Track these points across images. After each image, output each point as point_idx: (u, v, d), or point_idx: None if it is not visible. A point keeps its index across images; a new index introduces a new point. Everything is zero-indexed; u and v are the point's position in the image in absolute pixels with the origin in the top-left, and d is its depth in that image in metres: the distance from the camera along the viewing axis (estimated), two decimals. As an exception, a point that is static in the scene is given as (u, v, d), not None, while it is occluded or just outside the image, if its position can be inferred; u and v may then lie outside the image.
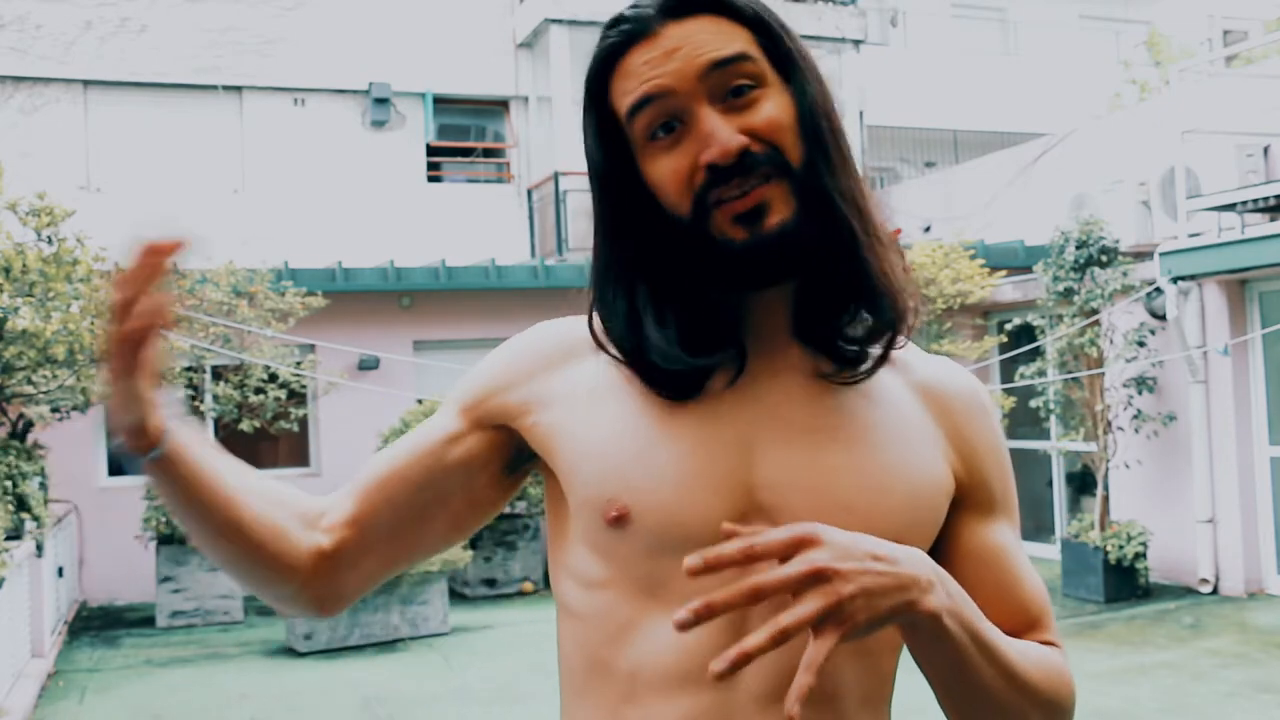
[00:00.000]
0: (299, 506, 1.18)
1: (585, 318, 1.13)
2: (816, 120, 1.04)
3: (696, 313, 1.06)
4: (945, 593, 0.92)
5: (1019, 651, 1.02)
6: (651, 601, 1.04)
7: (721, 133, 1.00)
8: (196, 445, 1.10)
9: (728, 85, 1.02)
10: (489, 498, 1.19)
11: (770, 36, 1.04)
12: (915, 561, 0.91)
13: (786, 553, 0.85)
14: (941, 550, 1.11)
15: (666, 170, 1.03)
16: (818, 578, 0.84)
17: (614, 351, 1.08)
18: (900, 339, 1.09)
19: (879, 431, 1.07)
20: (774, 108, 1.03)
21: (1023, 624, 1.10)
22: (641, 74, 1.03)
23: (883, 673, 1.09)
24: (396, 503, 1.17)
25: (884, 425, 1.08)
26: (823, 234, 1.03)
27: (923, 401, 1.12)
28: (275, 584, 1.17)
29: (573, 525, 1.11)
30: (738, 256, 1.02)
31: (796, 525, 0.88)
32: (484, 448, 1.16)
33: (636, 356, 1.07)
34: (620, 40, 1.04)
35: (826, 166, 1.04)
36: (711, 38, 1.02)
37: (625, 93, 1.04)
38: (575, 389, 1.11)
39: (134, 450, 1.06)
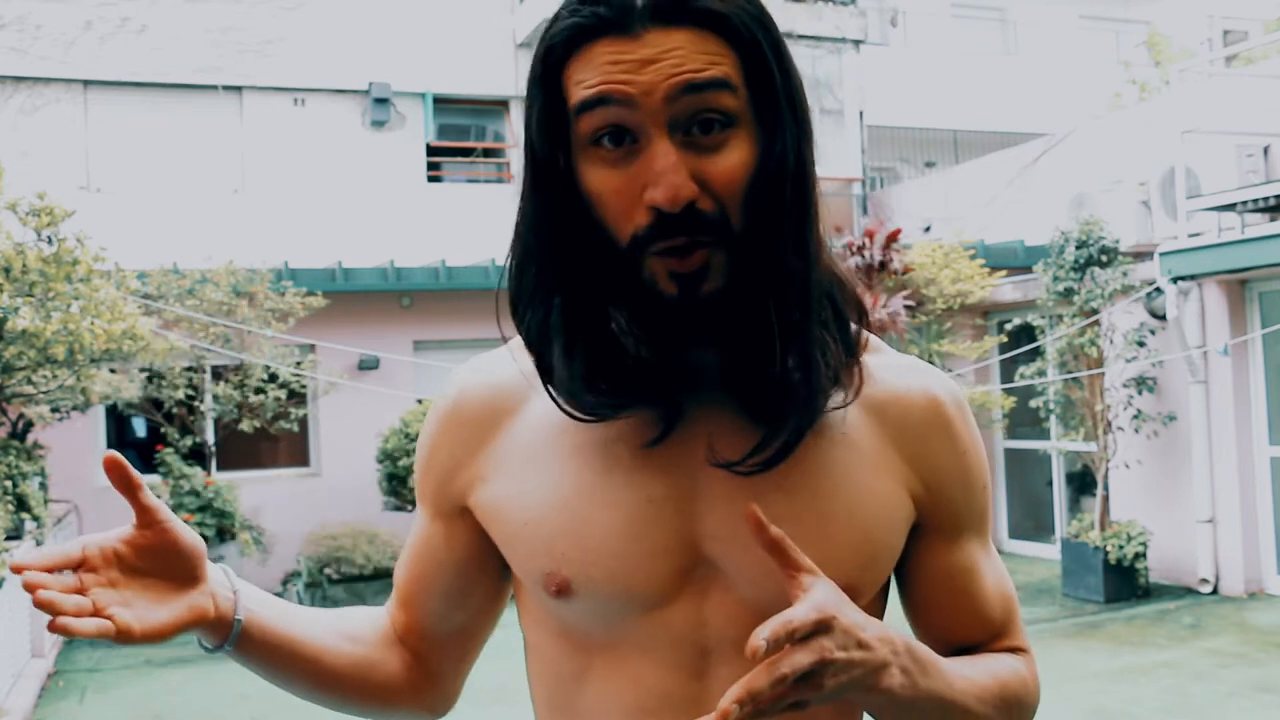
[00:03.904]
0: (376, 631, 1.17)
1: (506, 350, 1.09)
2: (778, 181, 0.94)
3: (611, 345, 0.96)
4: (900, 669, 0.93)
5: (980, 689, 1.03)
6: (605, 653, 1.03)
7: (675, 176, 0.89)
8: (264, 610, 1.06)
9: (696, 115, 0.91)
10: None
11: (762, 70, 0.93)
12: (884, 642, 0.92)
13: (810, 631, 0.87)
14: (902, 570, 1.09)
15: (608, 186, 0.93)
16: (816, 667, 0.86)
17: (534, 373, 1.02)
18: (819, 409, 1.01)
19: (826, 475, 1.00)
20: (736, 157, 0.92)
21: (983, 636, 1.11)
22: (606, 72, 0.91)
23: None
24: (432, 610, 1.16)
25: (832, 466, 1.01)
26: (750, 307, 0.95)
27: (877, 425, 1.03)
28: (389, 712, 1.17)
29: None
30: (665, 310, 0.93)
31: (818, 600, 0.87)
32: (472, 532, 1.11)
33: (545, 380, 1.01)
34: (592, 23, 0.92)
35: (772, 236, 0.94)
36: (694, 56, 0.90)
37: (581, 83, 0.92)
38: (510, 454, 1.06)
39: (214, 645, 1.03)
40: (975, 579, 1.09)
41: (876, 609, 1.08)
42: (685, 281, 0.93)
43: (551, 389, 1.00)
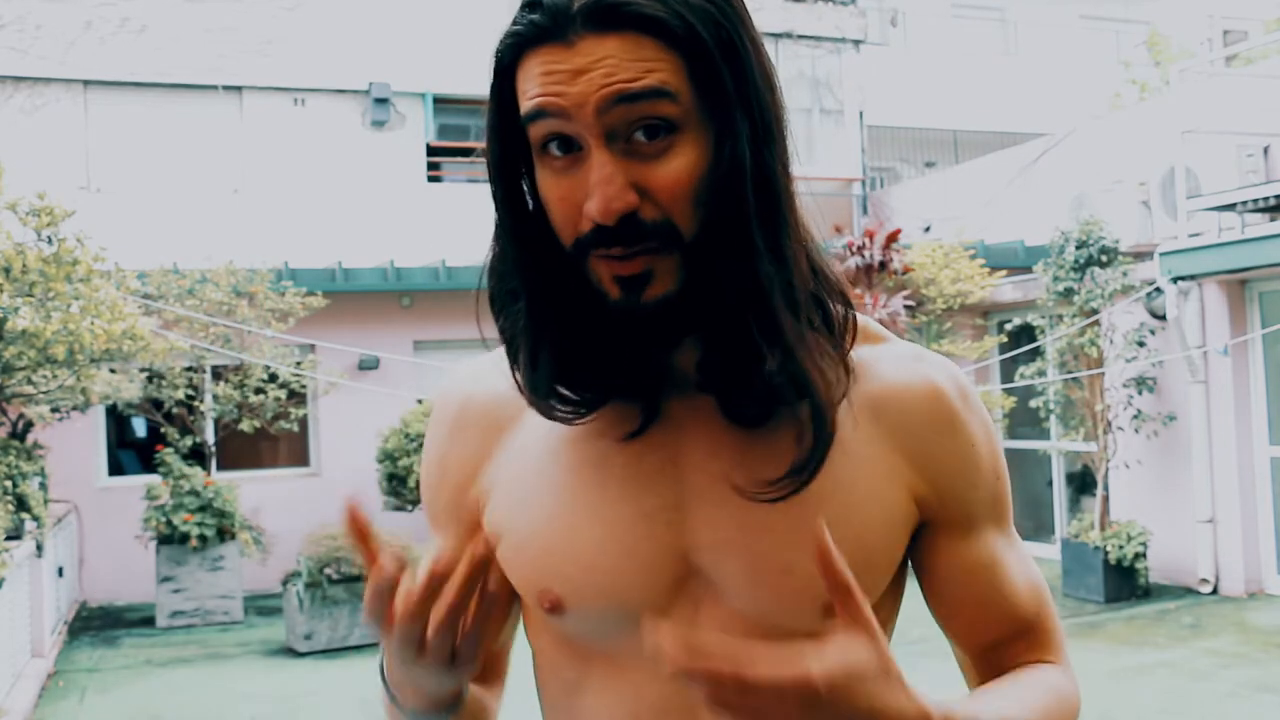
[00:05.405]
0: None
1: (494, 355, 1.08)
2: (732, 184, 0.90)
3: (578, 344, 0.97)
4: None
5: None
6: (603, 663, 1.03)
7: (609, 188, 0.87)
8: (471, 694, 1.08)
9: (634, 123, 0.88)
10: None
11: (709, 72, 0.89)
12: (907, 712, 0.81)
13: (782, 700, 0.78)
14: (920, 570, 1.06)
15: (554, 194, 0.92)
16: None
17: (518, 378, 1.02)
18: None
19: (817, 481, 0.96)
20: (681, 163, 0.89)
21: (1011, 632, 1.07)
22: (542, 83, 0.89)
23: None
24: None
25: (824, 470, 0.96)
26: (711, 310, 0.93)
27: (872, 423, 1.00)
28: None
29: None
30: (609, 312, 0.93)
31: (799, 676, 0.77)
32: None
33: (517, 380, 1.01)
34: (531, 33, 0.90)
35: (729, 239, 0.90)
36: (628, 64, 0.87)
37: (524, 94, 0.91)
38: (509, 468, 1.06)
39: (426, 711, 1.02)
40: (999, 572, 1.05)
41: (880, 617, 1.06)
42: (628, 285, 0.91)
43: (522, 387, 1.01)
